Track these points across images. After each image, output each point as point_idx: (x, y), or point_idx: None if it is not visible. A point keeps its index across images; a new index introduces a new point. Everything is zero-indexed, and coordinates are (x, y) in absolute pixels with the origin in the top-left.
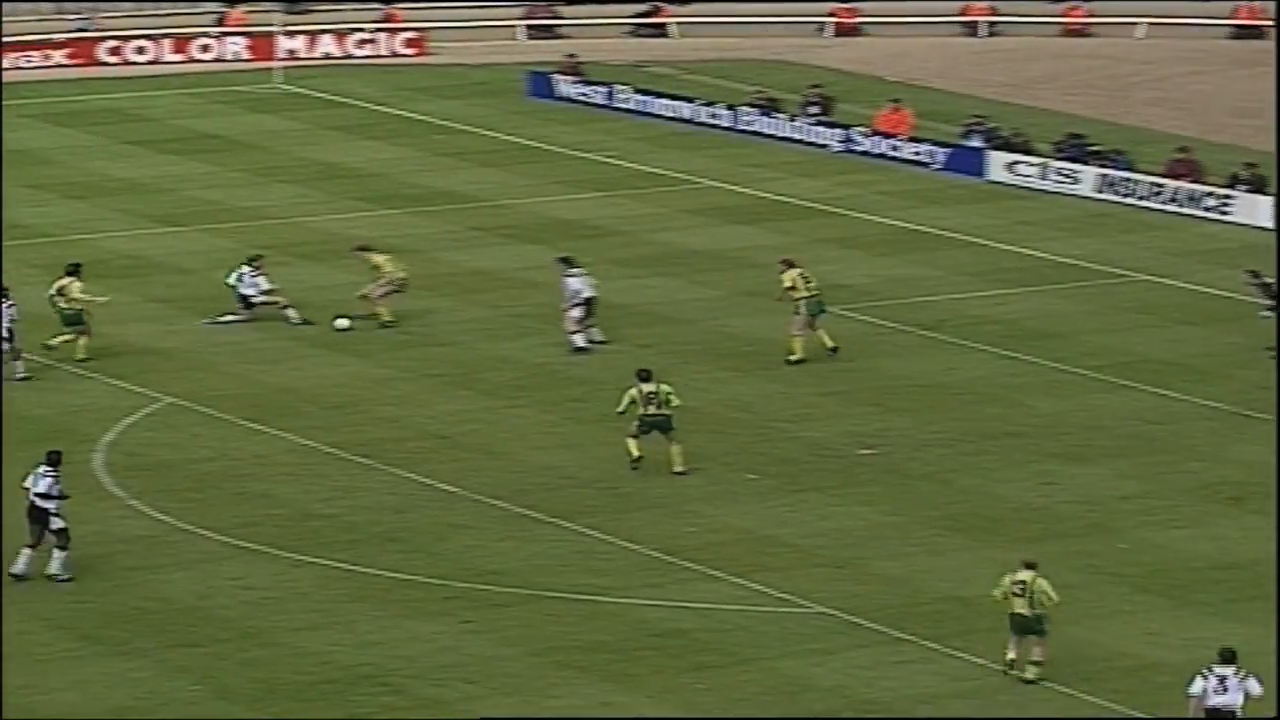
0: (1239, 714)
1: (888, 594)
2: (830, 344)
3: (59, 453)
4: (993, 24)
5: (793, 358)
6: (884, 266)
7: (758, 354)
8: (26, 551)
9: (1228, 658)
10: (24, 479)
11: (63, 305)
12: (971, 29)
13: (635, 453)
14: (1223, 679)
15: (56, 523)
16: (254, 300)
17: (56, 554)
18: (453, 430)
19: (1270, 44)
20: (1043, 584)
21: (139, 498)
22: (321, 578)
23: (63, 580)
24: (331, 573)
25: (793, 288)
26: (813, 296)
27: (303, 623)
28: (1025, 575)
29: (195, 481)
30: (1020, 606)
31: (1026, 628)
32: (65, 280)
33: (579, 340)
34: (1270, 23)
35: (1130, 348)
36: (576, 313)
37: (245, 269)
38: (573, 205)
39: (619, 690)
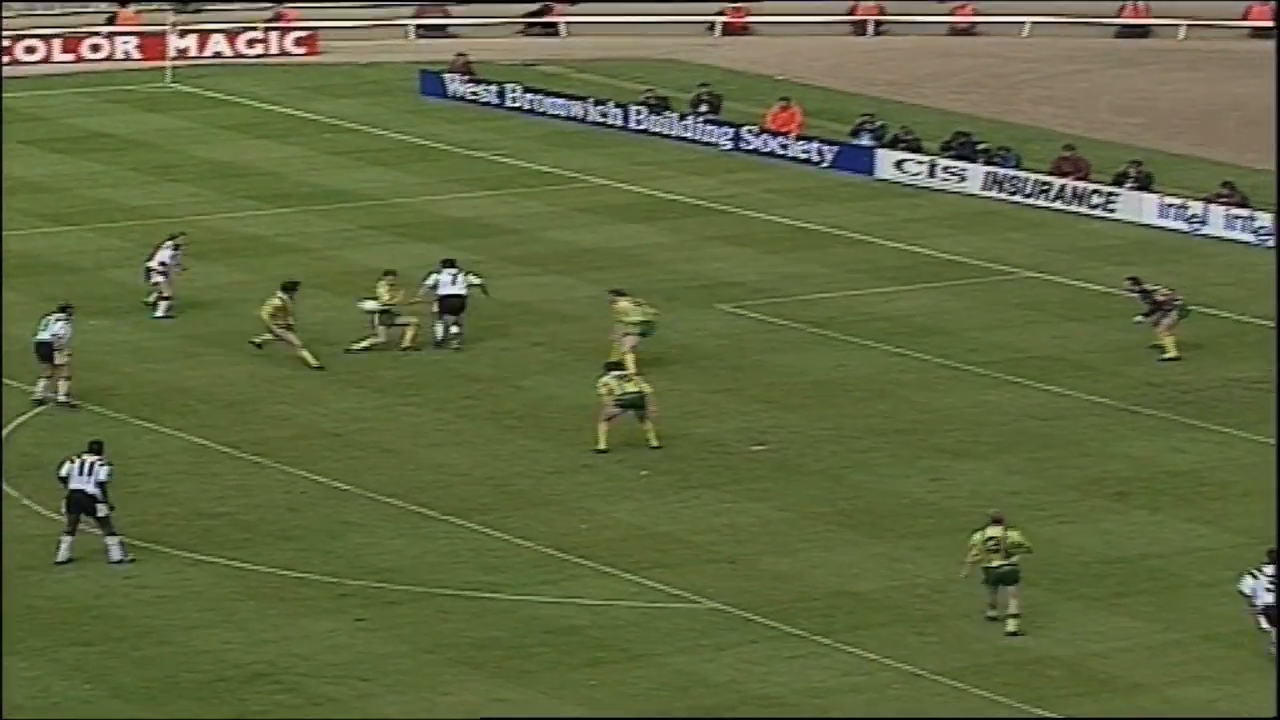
0: None
1: (779, 589)
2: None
3: (101, 442)
4: (880, 23)
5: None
6: (774, 264)
7: (649, 352)
8: (68, 539)
9: (1275, 558)
10: (59, 468)
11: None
12: (860, 28)
13: (602, 443)
14: (1272, 579)
15: (102, 510)
16: (154, 273)
17: (110, 540)
18: (346, 428)
19: (1155, 43)
20: (1014, 535)
21: (31, 497)
22: (215, 576)
23: (127, 561)
24: (225, 571)
25: (627, 316)
26: (646, 321)
27: (196, 621)
28: (995, 531)
29: None
30: (996, 561)
31: (1002, 578)
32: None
33: (437, 332)
34: (1156, 22)
35: (1017, 344)
36: (434, 307)
37: (169, 243)
38: (465, 203)
39: (512, 687)
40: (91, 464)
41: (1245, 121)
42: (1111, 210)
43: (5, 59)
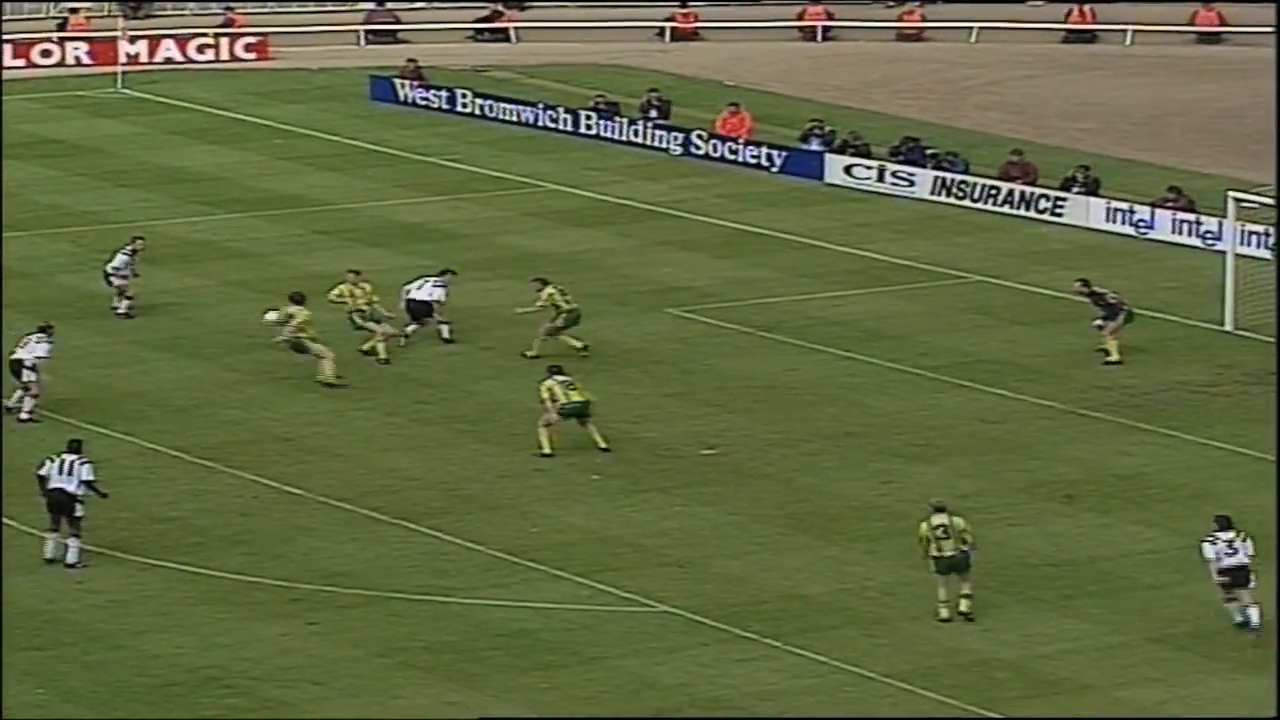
0: (1251, 569)
1: (730, 592)
2: (579, 344)
3: (80, 441)
4: (829, 29)
5: (530, 354)
6: (724, 269)
7: (600, 355)
8: (54, 535)
9: (1225, 524)
10: (39, 468)
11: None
12: (808, 34)
13: (547, 448)
14: (1230, 542)
15: (79, 510)
16: (111, 277)
17: (73, 543)
18: (298, 433)
19: (1102, 48)
20: (959, 522)
21: None
22: (167, 580)
23: (81, 566)
24: (177, 575)
25: (554, 305)
26: (571, 310)
27: (148, 625)
28: (941, 519)
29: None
30: (948, 549)
31: (954, 566)
32: (292, 309)
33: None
34: (1103, 28)
35: (966, 348)
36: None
37: (126, 247)
38: (416, 209)
39: (464, 690)
40: (71, 463)
41: (1191, 126)
42: (1059, 215)
43: None
